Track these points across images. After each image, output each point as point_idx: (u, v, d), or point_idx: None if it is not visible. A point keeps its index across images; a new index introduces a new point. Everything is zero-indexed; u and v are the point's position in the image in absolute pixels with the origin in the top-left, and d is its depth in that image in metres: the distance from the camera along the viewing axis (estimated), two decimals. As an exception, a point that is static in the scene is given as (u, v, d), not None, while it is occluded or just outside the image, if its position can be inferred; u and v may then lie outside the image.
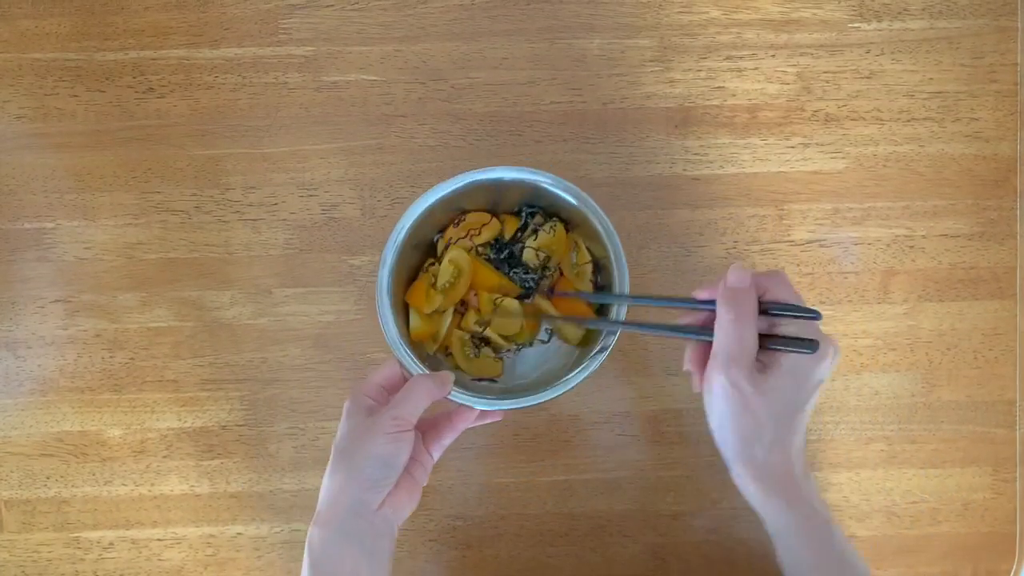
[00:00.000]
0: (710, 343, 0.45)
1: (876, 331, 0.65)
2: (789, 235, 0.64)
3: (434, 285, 0.58)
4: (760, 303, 0.45)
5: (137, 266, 0.63)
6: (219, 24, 0.63)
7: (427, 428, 0.53)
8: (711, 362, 0.45)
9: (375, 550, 0.47)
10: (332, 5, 0.63)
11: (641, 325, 0.53)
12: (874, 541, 0.66)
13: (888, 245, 0.65)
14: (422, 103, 0.63)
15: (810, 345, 0.43)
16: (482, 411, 0.53)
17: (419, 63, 0.63)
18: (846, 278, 0.65)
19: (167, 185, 0.63)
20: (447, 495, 0.65)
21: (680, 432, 0.65)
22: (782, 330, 0.45)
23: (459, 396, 0.53)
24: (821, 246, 0.65)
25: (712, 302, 0.45)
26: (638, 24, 0.63)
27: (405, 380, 0.53)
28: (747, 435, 0.45)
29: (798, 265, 0.64)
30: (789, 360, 0.44)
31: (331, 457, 0.50)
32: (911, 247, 0.65)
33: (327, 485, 0.49)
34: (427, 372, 0.53)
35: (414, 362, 0.53)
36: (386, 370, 0.52)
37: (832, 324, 0.65)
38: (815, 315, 0.44)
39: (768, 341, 0.44)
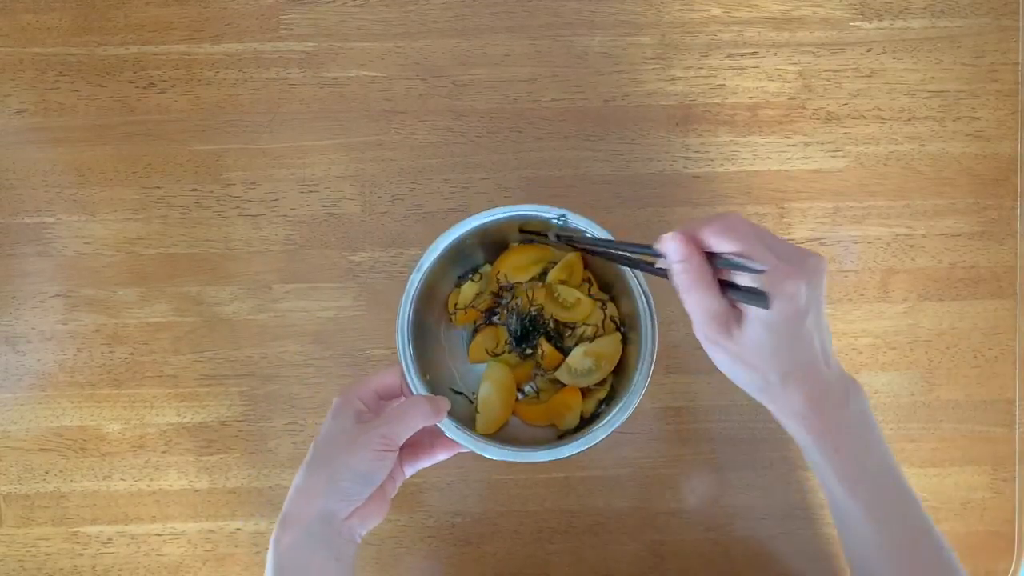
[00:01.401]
0: None
1: (876, 330, 0.65)
2: (790, 233, 0.64)
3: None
4: (713, 257, 0.43)
5: (137, 261, 0.63)
6: (220, 19, 0.63)
7: (406, 446, 0.50)
8: (695, 327, 0.44)
9: (341, 556, 0.47)
10: (333, 1, 0.63)
11: (630, 260, 0.50)
12: (873, 540, 0.66)
13: (888, 244, 0.65)
14: (423, 99, 0.63)
15: (761, 300, 0.41)
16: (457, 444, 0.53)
17: (420, 59, 0.63)
18: (846, 276, 0.65)
19: (167, 180, 0.63)
20: (446, 492, 0.65)
21: (680, 430, 0.65)
22: (738, 280, 0.43)
23: (454, 433, 0.52)
24: (821, 244, 0.65)
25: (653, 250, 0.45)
26: (639, 21, 0.63)
27: (401, 392, 0.52)
28: (754, 383, 0.45)
29: (798, 263, 0.64)
30: (751, 314, 0.42)
31: (310, 454, 0.49)
32: (911, 246, 0.65)
33: (300, 485, 0.48)
34: (426, 394, 0.52)
35: (416, 381, 0.52)
36: (386, 377, 0.52)
37: (832, 323, 0.65)
38: (761, 270, 0.41)
39: (730, 291, 0.43)
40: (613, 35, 0.63)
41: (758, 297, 0.41)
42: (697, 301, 0.43)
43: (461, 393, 0.59)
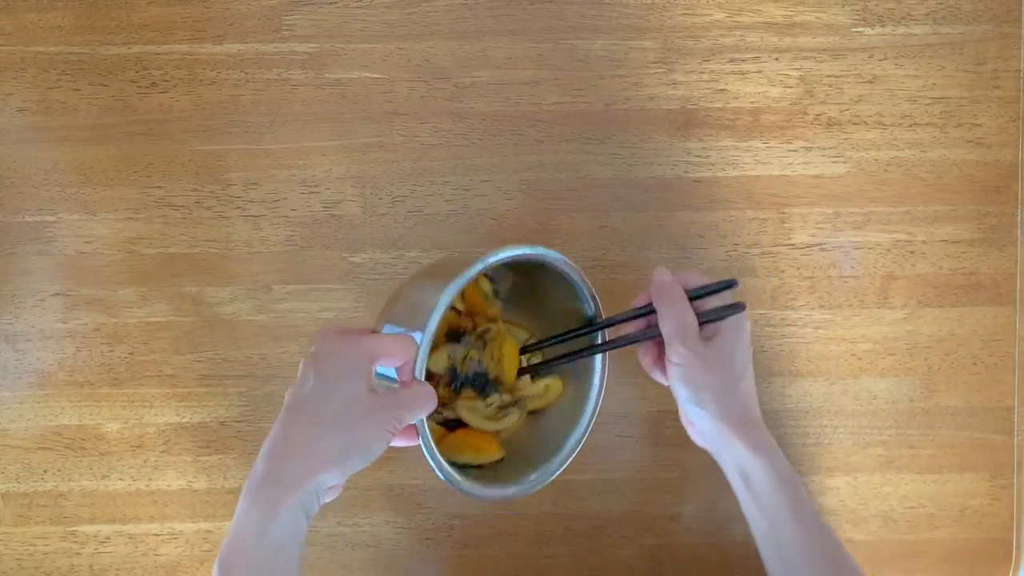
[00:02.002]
0: (656, 340, 0.54)
1: (875, 335, 0.65)
2: (790, 238, 0.64)
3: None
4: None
5: (137, 261, 0.63)
6: (222, 20, 0.63)
7: None
8: (668, 347, 0.52)
9: (310, 518, 0.46)
10: (335, 2, 0.63)
11: (595, 348, 0.57)
12: (871, 546, 0.66)
13: (888, 250, 0.65)
14: (424, 101, 0.63)
15: (738, 307, 0.52)
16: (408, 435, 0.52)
17: (422, 61, 0.63)
18: (846, 282, 0.65)
19: (168, 180, 0.63)
20: (444, 494, 0.65)
21: (678, 434, 0.65)
22: (708, 307, 0.53)
23: (422, 429, 0.50)
24: (822, 250, 0.65)
25: (647, 306, 0.54)
26: (642, 25, 0.63)
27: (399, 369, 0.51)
28: (722, 391, 0.52)
29: (798, 269, 0.65)
30: (725, 324, 0.53)
31: (315, 405, 0.46)
32: (911, 252, 0.65)
33: (300, 438, 0.46)
34: (429, 383, 0.50)
35: (424, 370, 0.50)
36: (395, 348, 0.49)
37: (831, 328, 0.65)
38: (733, 283, 0.53)
39: (702, 319, 0.52)
40: (615, 39, 0.63)
41: (734, 306, 0.52)
42: (680, 313, 0.52)
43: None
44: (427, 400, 0.49)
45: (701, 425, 0.53)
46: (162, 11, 0.62)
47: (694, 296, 0.53)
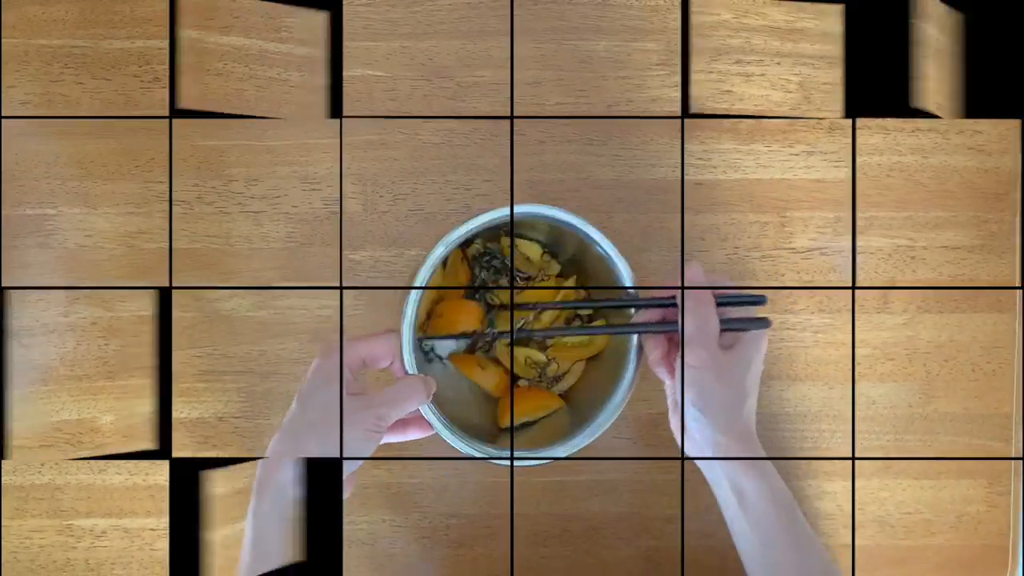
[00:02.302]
0: (670, 337, 0.53)
1: (874, 340, 0.65)
2: (790, 242, 0.64)
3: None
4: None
5: (138, 255, 0.63)
6: (227, 15, 0.63)
7: None
8: (687, 346, 0.50)
9: None
10: None
11: (606, 327, 0.57)
12: (867, 551, 0.66)
13: (889, 255, 0.65)
14: (427, 100, 0.63)
15: (764, 322, 0.51)
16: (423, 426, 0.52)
17: (425, 60, 0.63)
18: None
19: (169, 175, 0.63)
20: (441, 493, 0.65)
21: (676, 436, 0.65)
22: (732, 315, 0.52)
23: (430, 416, 0.51)
24: (822, 254, 0.65)
25: (670, 299, 0.52)
26: (645, 27, 0.63)
27: (391, 365, 0.51)
28: (730, 403, 0.50)
29: (799, 273, 0.65)
30: (746, 336, 0.51)
31: (295, 419, 0.48)
32: (912, 258, 0.65)
33: (282, 451, 0.47)
34: (420, 375, 0.51)
35: (411, 359, 0.51)
36: (375, 347, 0.50)
37: (831, 333, 0.65)
38: (762, 299, 0.52)
39: (723, 326, 0.51)
40: (619, 40, 0.63)
41: (760, 320, 0.51)
42: (706, 314, 0.50)
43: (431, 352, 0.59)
44: (413, 394, 0.49)
45: (699, 434, 0.51)
46: (166, 6, 0.62)
47: (720, 303, 0.51)
